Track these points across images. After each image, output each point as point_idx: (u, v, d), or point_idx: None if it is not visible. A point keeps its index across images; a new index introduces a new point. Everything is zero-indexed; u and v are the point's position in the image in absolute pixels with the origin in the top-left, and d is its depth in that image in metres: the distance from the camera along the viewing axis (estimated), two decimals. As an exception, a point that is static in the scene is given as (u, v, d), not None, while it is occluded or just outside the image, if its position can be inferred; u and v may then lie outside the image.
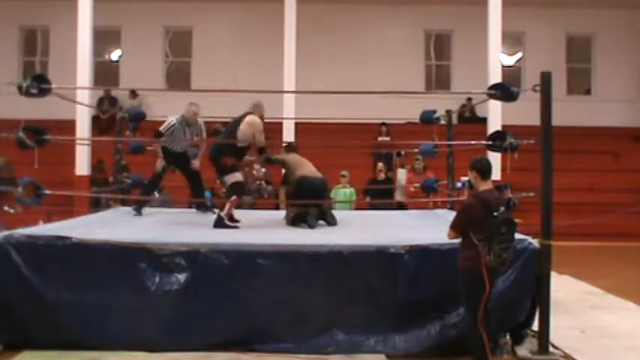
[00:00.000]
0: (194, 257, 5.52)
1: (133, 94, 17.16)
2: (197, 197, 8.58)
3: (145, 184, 8.61)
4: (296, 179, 7.37)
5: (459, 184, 9.69)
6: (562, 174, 13.32)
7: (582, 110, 17.23)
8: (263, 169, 12.51)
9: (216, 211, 7.49)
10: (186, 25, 18.34)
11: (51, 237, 5.60)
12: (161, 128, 8.00)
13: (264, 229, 7.08)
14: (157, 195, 11.36)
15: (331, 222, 7.42)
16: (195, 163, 8.42)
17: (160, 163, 8.12)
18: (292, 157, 7.73)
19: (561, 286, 7.48)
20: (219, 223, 6.90)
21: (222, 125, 16.49)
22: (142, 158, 9.64)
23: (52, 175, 11.46)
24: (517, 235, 4.92)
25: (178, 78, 18.64)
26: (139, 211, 8.06)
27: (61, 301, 5.42)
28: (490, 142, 7.25)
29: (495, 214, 4.65)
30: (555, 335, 5.60)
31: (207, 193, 12.98)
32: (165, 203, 10.62)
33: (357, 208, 11.47)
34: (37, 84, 6.45)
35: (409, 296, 5.50)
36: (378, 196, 12.12)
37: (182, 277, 5.49)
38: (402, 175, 13.02)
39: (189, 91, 16.68)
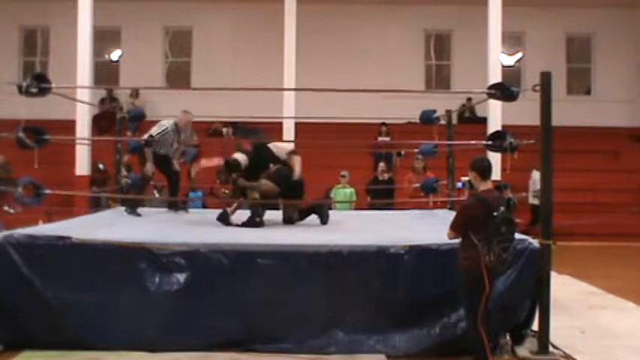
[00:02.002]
0: (194, 257, 5.52)
1: (135, 94, 17.18)
2: (173, 196, 8.69)
3: (136, 186, 8.70)
4: (274, 170, 7.32)
5: (459, 184, 9.68)
6: (562, 174, 13.33)
7: (582, 110, 17.24)
8: None
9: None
10: (186, 25, 18.35)
11: (51, 237, 5.59)
12: (153, 132, 8.06)
13: (264, 229, 7.07)
14: (157, 195, 11.37)
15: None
16: (175, 163, 8.48)
17: (150, 168, 8.15)
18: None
19: (561, 286, 7.47)
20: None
21: (223, 125, 16.64)
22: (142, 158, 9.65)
23: (52, 175, 11.47)
24: (517, 235, 4.91)
25: (178, 78, 18.65)
26: (133, 212, 8.04)
27: (61, 301, 5.42)
28: (490, 142, 7.24)
29: (495, 214, 4.65)
30: (555, 335, 5.60)
31: (199, 193, 13.02)
32: (165, 203, 10.60)
33: (357, 208, 11.46)
34: (37, 83, 6.46)
35: (409, 296, 5.50)
36: (380, 196, 12.11)
37: (182, 277, 5.49)
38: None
39: (189, 89, 16.70)
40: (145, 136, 8.15)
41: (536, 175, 13.73)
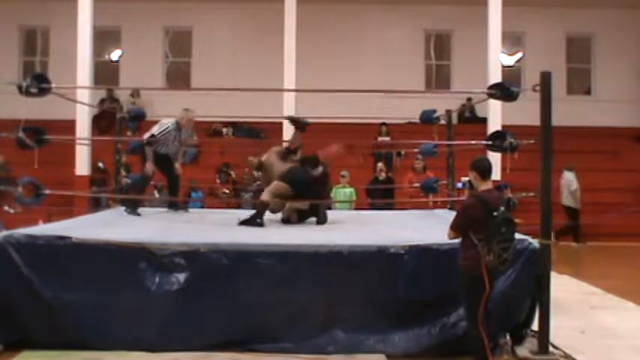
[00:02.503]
0: (194, 257, 5.52)
1: (137, 93, 17.18)
2: (173, 196, 8.70)
3: (136, 186, 8.72)
4: (284, 173, 7.34)
5: (459, 185, 9.68)
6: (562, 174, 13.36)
7: (582, 110, 17.24)
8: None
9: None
10: (186, 25, 18.35)
11: (51, 237, 5.59)
12: (154, 131, 8.04)
13: (264, 228, 7.07)
14: (157, 195, 11.37)
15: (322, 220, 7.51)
16: (178, 167, 8.50)
17: (151, 167, 8.12)
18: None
19: (561, 286, 7.47)
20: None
21: (223, 125, 16.65)
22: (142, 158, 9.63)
23: (52, 175, 11.47)
24: (517, 235, 4.91)
25: (178, 78, 18.65)
26: (133, 212, 8.03)
27: (61, 301, 5.42)
28: (490, 142, 7.24)
29: (495, 214, 4.65)
30: (555, 335, 5.60)
31: (199, 193, 13.02)
32: (165, 203, 10.61)
33: (357, 208, 11.46)
34: (37, 83, 6.46)
35: (409, 296, 5.50)
36: (379, 196, 12.12)
37: (182, 277, 5.49)
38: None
39: (189, 89, 16.70)
40: (147, 135, 8.14)
41: (569, 175, 13.74)
